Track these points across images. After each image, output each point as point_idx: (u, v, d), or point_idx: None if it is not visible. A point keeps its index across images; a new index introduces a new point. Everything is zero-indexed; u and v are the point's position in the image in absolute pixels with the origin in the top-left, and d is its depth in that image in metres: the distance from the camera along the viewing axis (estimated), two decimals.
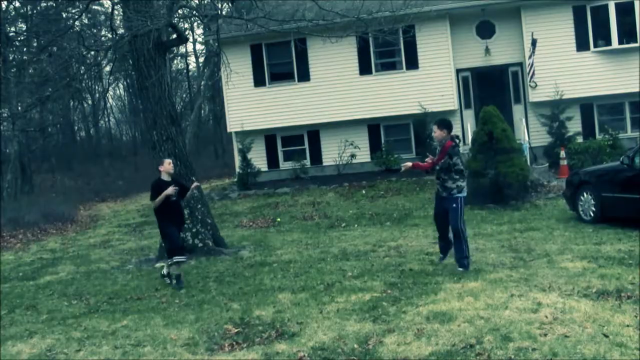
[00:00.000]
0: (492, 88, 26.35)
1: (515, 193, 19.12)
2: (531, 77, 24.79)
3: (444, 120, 11.54)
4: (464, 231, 11.32)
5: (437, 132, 11.35)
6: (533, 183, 20.41)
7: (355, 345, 7.84)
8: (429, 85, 25.81)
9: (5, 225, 23.98)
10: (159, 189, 12.06)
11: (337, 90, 26.51)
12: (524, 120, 25.26)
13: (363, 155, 27.00)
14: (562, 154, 22.79)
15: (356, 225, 18.56)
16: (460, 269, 11.13)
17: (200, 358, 8.10)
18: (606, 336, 7.35)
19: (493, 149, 19.13)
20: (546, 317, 8.12)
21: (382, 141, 26.94)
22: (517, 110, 26.35)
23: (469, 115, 26.44)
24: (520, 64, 26.18)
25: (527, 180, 19.59)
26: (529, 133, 24.47)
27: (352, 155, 26.74)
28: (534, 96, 25.30)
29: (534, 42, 24.13)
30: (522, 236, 14.19)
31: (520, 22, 25.43)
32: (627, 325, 7.65)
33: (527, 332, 7.62)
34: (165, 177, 12.26)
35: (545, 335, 7.51)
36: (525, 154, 21.00)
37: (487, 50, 25.99)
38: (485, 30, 26.22)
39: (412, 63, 26.13)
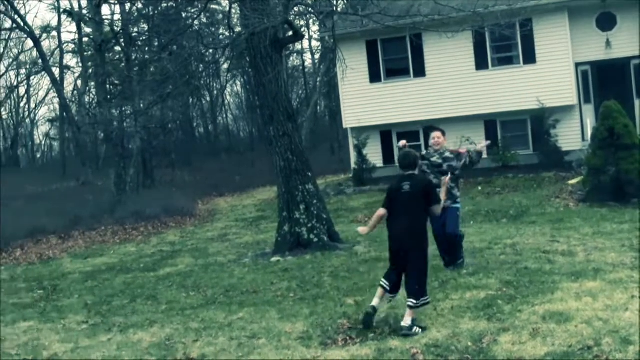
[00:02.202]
0: (613, 82, 25.56)
1: (637, 191, 18.52)
2: None
3: (441, 128, 11.93)
4: (463, 236, 11.97)
5: (442, 139, 11.66)
6: None
7: (469, 343, 7.79)
8: (547, 79, 25.21)
9: (128, 218, 24.85)
10: None
11: (452, 86, 26.22)
12: None
13: None
14: None
15: (472, 222, 18.32)
16: (462, 268, 11.61)
17: (314, 352, 8.19)
18: None
19: (614, 145, 18.58)
20: None
21: (499, 137, 26.53)
22: None
23: (589, 110, 25.72)
24: None
25: None
26: None
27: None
28: None
29: None
30: None
31: None
32: None
33: None
34: None
35: None
36: None
37: (607, 43, 25.21)
38: (606, 22, 25.42)
39: (530, 57, 25.60)
